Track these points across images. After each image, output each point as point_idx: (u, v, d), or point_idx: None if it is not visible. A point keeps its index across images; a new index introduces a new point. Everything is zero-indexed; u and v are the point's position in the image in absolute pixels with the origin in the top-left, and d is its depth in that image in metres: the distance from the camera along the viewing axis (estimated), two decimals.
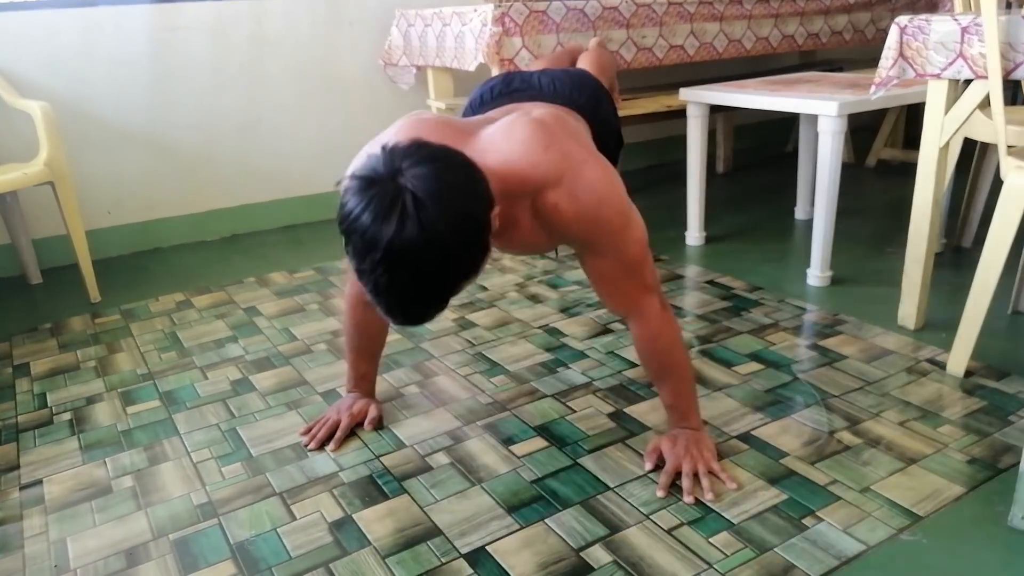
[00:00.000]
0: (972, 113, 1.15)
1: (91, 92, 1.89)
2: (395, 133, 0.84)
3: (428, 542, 0.85)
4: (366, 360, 1.09)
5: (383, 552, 0.84)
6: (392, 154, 0.66)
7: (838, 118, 1.43)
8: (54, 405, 1.21)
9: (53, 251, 1.89)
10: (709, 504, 0.89)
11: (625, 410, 1.11)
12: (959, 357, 1.15)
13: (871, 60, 1.98)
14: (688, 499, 0.90)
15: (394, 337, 1.38)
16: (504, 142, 0.80)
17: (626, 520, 0.87)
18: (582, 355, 1.29)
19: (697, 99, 1.73)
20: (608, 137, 1.09)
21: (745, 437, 1.02)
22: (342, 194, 0.67)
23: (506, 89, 1.07)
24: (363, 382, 1.11)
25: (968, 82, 1.14)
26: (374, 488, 0.95)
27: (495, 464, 0.99)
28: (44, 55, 1.82)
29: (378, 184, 0.65)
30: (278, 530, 0.89)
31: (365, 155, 0.82)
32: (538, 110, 0.88)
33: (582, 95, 1.07)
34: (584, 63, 1.37)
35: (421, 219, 0.63)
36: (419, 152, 0.67)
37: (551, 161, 0.78)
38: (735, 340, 1.32)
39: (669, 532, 0.85)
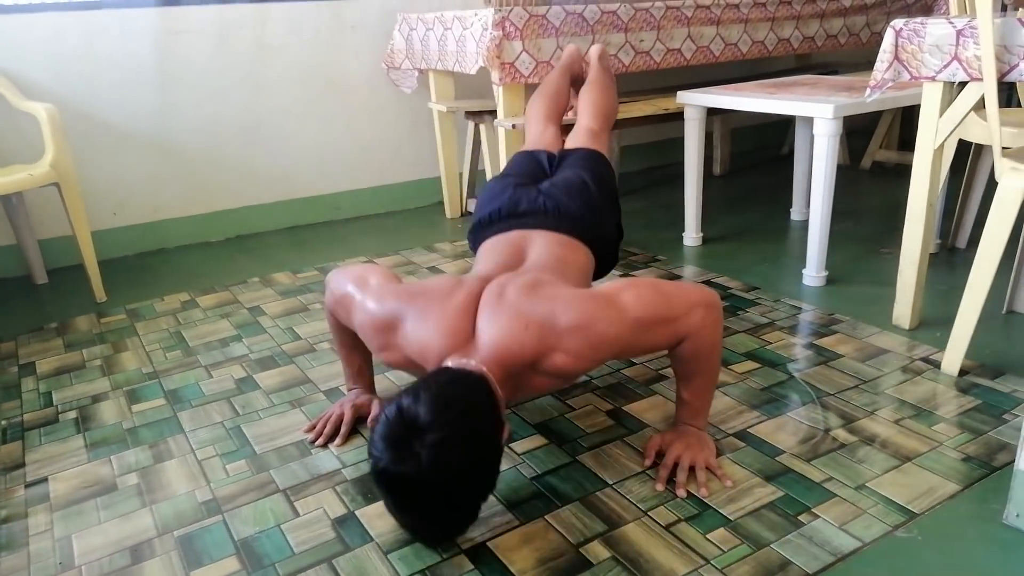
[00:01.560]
0: (967, 115, 1.17)
1: (96, 94, 1.90)
2: (420, 313, 0.90)
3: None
4: (357, 355, 1.10)
5: (385, 548, 0.85)
6: (411, 431, 0.75)
7: (833, 120, 1.44)
8: (60, 404, 1.23)
9: (59, 251, 1.90)
10: (706, 501, 0.90)
11: (623, 408, 1.12)
12: (954, 356, 1.16)
13: (866, 63, 2.00)
14: (680, 492, 0.91)
15: None
16: (493, 334, 0.86)
17: (624, 516, 0.88)
18: None
19: (694, 102, 1.74)
20: (606, 234, 1.16)
21: (742, 435, 1.04)
22: (373, 459, 0.77)
23: (514, 211, 1.13)
24: (360, 377, 1.12)
25: (963, 84, 1.15)
26: (378, 495, 0.96)
27: None
28: (49, 58, 1.83)
29: (402, 475, 0.75)
30: (282, 526, 0.90)
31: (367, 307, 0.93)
32: (522, 277, 0.93)
33: (584, 207, 1.12)
34: (586, 111, 1.38)
35: (440, 477, 0.75)
36: (436, 425, 0.75)
37: (533, 338, 0.85)
38: (732, 339, 1.33)
39: (667, 528, 0.86)
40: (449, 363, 0.85)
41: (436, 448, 0.73)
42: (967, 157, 1.62)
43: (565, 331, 0.85)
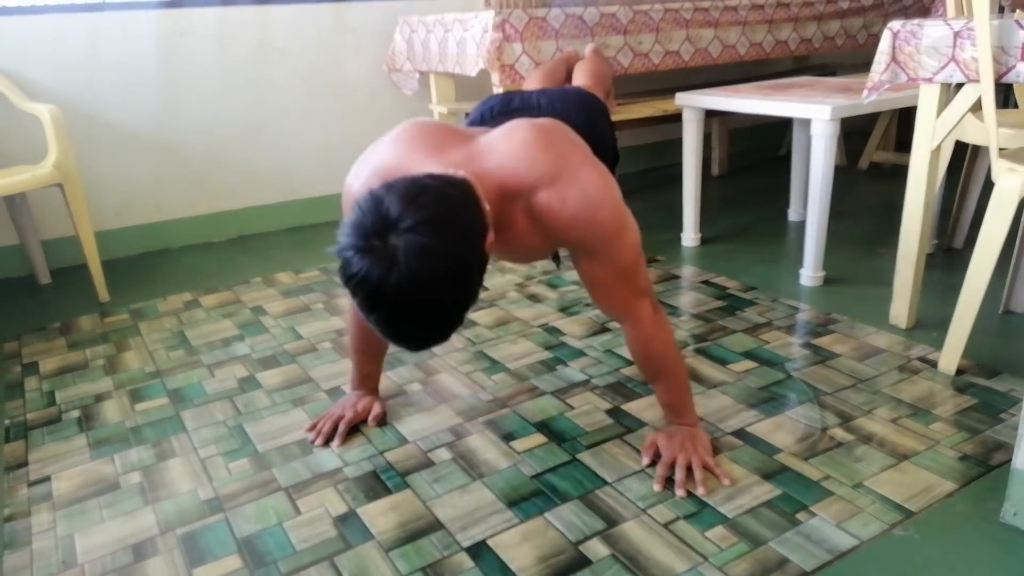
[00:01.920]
0: (964, 117, 1.17)
1: (99, 95, 1.91)
2: (395, 140, 0.86)
3: (430, 536, 0.87)
4: (370, 360, 1.11)
5: (386, 546, 0.85)
6: (383, 212, 0.67)
7: (831, 122, 1.45)
8: (63, 403, 1.23)
9: (62, 252, 1.91)
10: (704, 499, 0.91)
11: (622, 407, 1.13)
12: (951, 355, 1.17)
13: (863, 64, 2.01)
14: (680, 492, 0.91)
15: None
16: (503, 142, 0.82)
17: (624, 514, 0.89)
18: (581, 353, 1.31)
19: (692, 104, 1.75)
20: (605, 155, 1.11)
21: (740, 433, 1.04)
22: (340, 249, 0.69)
23: (505, 109, 1.09)
24: (368, 381, 1.13)
25: (960, 86, 1.16)
26: (377, 483, 0.97)
27: (496, 460, 1.01)
28: (52, 59, 1.84)
29: (374, 251, 0.67)
30: (283, 524, 0.90)
31: (366, 168, 0.86)
32: (541, 118, 0.90)
33: (580, 115, 1.09)
34: (580, 74, 1.39)
35: (418, 277, 0.67)
36: (410, 205, 0.67)
37: (548, 160, 0.80)
38: (730, 339, 1.34)
39: (665, 526, 0.86)
40: (432, 170, 0.75)
41: (412, 233, 0.66)
42: (964, 158, 1.63)
43: (578, 180, 0.79)
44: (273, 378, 1.28)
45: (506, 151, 0.81)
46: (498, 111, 1.09)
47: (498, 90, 1.80)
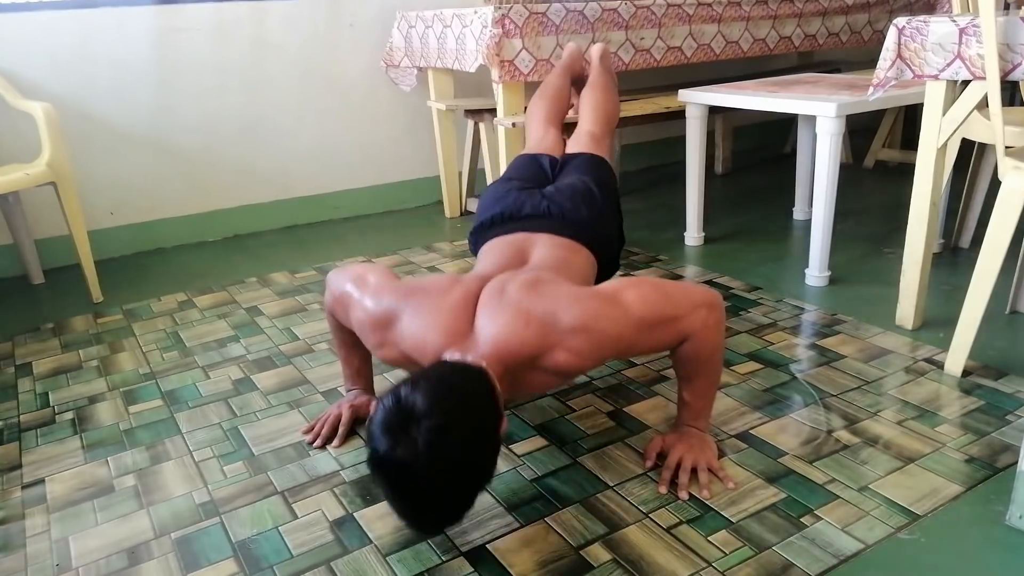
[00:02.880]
0: (970, 114, 1.16)
1: (93, 93, 1.89)
2: (417, 308, 0.89)
3: (429, 540, 0.86)
4: (356, 355, 1.10)
5: (384, 550, 0.84)
6: (407, 410, 0.74)
7: (836, 119, 1.44)
8: (56, 404, 1.22)
9: (55, 251, 1.89)
10: (708, 503, 0.89)
11: (624, 409, 1.12)
12: (957, 357, 1.16)
13: (869, 61, 1.99)
14: (683, 494, 0.90)
15: None
16: (493, 331, 0.85)
17: (625, 518, 0.88)
18: None
19: (696, 100, 1.73)
20: (609, 239, 1.16)
21: (744, 436, 1.03)
22: (370, 447, 0.76)
23: (517, 214, 1.12)
24: (359, 378, 1.12)
25: (966, 83, 1.15)
26: (374, 484, 0.96)
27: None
28: (46, 56, 1.82)
29: (398, 461, 0.73)
30: (280, 528, 0.89)
31: (398, 328, 0.90)
32: (523, 275, 0.92)
33: (588, 209, 1.12)
34: (587, 115, 1.37)
35: (437, 480, 0.74)
36: (434, 412, 0.74)
37: (534, 335, 0.85)
38: (734, 340, 1.32)
39: (668, 530, 0.85)
40: (447, 357, 0.84)
41: (433, 434, 0.72)
42: (970, 156, 1.61)
43: (567, 329, 0.84)
44: (269, 380, 1.27)
45: (497, 338, 0.85)
46: (509, 216, 1.12)
47: (498, 87, 1.78)
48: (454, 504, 0.79)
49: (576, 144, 1.32)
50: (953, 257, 1.68)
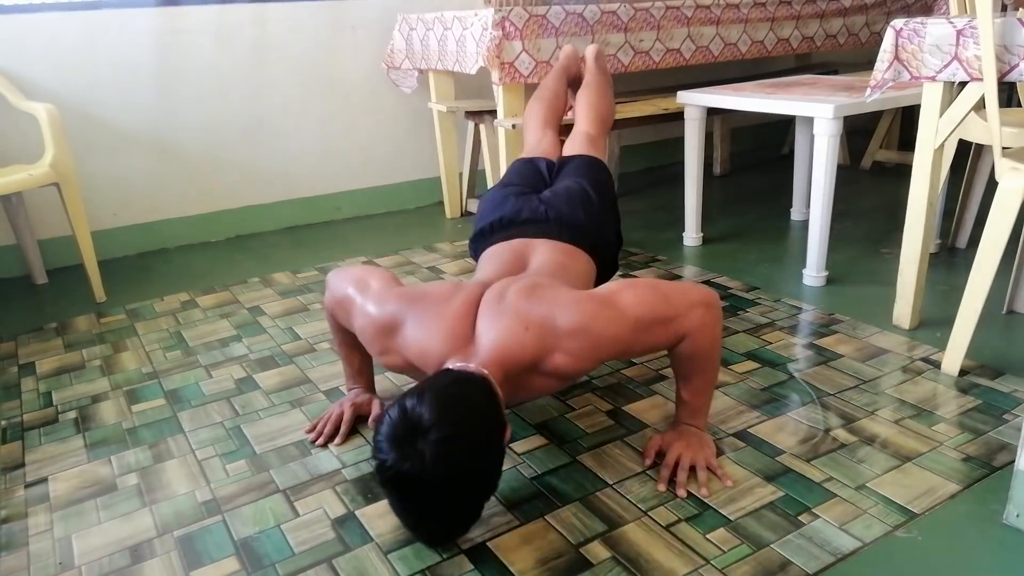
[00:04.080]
0: (967, 115, 1.17)
1: (96, 95, 1.90)
2: (420, 317, 0.90)
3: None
4: (357, 355, 1.10)
5: (385, 548, 0.85)
6: (413, 423, 0.76)
7: (834, 120, 1.44)
8: (59, 404, 1.22)
9: (59, 251, 1.90)
10: (706, 501, 0.90)
11: (623, 408, 1.12)
12: (954, 356, 1.16)
13: (866, 63, 2.00)
14: (681, 492, 0.91)
15: None
16: (493, 336, 0.86)
17: (625, 516, 0.88)
18: None
19: (694, 102, 1.74)
20: (607, 241, 1.17)
21: (742, 435, 1.04)
22: (376, 451, 0.78)
23: (515, 220, 1.13)
24: (361, 377, 1.13)
25: (963, 84, 1.15)
26: (376, 485, 0.96)
27: None
28: (49, 58, 1.83)
29: (405, 474, 0.75)
30: (282, 526, 0.90)
31: (401, 333, 0.91)
32: (521, 280, 0.93)
33: (585, 212, 1.13)
34: (583, 115, 1.38)
35: (443, 491, 0.76)
36: (440, 424, 0.75)
37: (533, 339, 0.86)
38: (732, 339, 1.33)
39: (667, 528, 0.86)
40: (450, 365, 0.85)
41: (439, 446, 0.74)
42: (967, 157, 1.62)
43: (565, 332, 0.85)
44: (271, 379, 1.27)
45: (497, 344, 0.86)
46: (508, 222, 1.13)
47: (498, 89, 1.79)
48: (461, 514, 0.80)
49: (572, 146, 1.33)
50: (950, 257, 1.69)
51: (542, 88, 1.51)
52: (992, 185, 1.17)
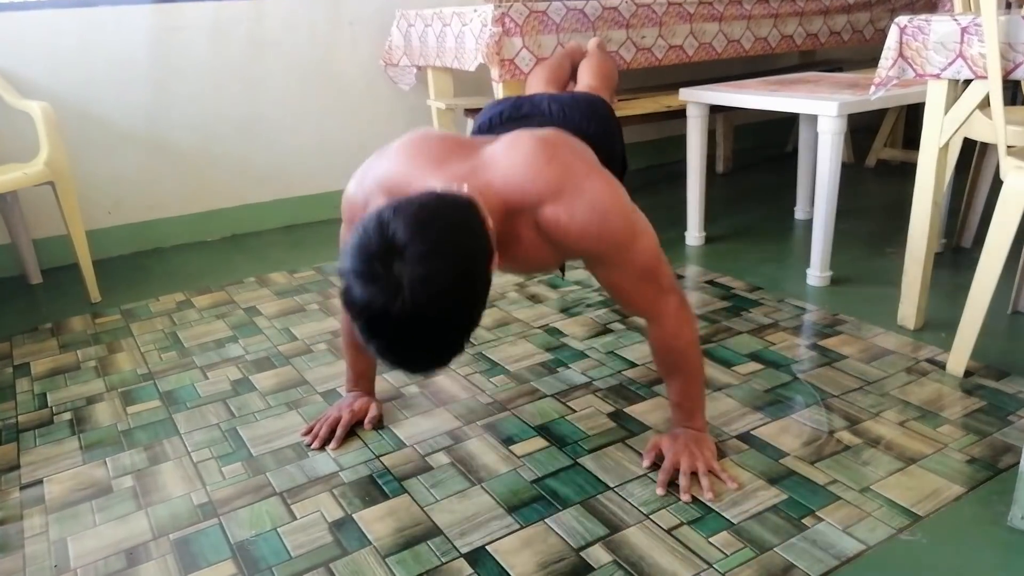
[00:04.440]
0: (972, 113, 1.15)
1: (91, 92, 1.89)
2: (400, 150, 0.85)
3: (428, 542, 0.85)
4: (364, 359, 1.09)
5: (383, 552, 0.84)
6: (389, 238, 0.67)
7: (838, 118, 1.43)
8: (54, 405, 1.21)
9: (53, 251, 1.89)
10: (709, 504, 0.89)
11: (625, 410, 1.11)
12: (959, 357, 1.15)
13: (870, 60, 1.99)
14: (685, 497, 0.90)
15: None
16: (505, 157, 0.80)
17: (626, 520, 0.87)
18: (582, 355, 1.29)
19: (697, 99, 1.73)
20: (613, 163, 1.10)
21: (745, 437, 1.03)
22: (344, 272, 0.69)
23: (515, 114, 1.08)
24: (363, 380, 1.11)
25: (968, 82, 1.14)
26: (374, 488, 0.96)
27: (495, 464, 0.99)
28: (44, 55, 1.82)
29: (379, 279, 0.66)
30: (278, 530, 0.89)
31: (370, 178, 0.84)
32: (544, 129, 0.88)
33: (591, 122, 1.08)
34: (586, 74, 1.36)
35: (422, 310, 0.66)
36: (417, 233, 0.67)
37: (552, 173, 0.78)
38: (735, 340, 1.32)
39: (669, 532, 0.85)
40: (434, 187, 0.76)
41: (418, 263, 0.65)
42: (972, 155, 1.61)
43: (583, 191, 0.77)
44: (267, 380, 1.26)
45: (509, 165, 0.79)
46: (507, 116, 1.08)
47: (497, 86, 1.77)
48: (443, 343, 0.71)
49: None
50: (955, 257, 1.67)
51: (547, 60, 1.48)
52: (997, 184, 1.16)
